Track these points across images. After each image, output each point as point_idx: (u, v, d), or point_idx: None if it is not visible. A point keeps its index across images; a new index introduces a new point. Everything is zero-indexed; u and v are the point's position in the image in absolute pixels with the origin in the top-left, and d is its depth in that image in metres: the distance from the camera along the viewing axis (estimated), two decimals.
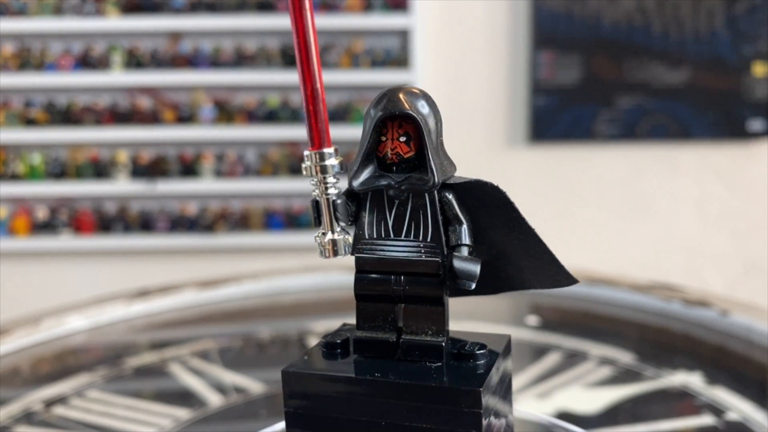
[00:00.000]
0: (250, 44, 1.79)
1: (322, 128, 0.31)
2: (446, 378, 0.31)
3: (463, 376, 0.31)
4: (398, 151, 0.32)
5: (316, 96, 0.30)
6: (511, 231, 0.33)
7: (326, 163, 0.31)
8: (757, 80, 1.77)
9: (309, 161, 0.31)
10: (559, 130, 1.79)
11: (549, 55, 1.77)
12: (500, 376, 0.33)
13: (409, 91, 0.32)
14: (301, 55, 0.30)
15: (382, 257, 0.33)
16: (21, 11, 1.75)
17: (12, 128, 1.76)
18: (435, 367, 0.32)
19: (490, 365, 0.32)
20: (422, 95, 0.32)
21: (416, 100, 0.31)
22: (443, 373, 0.31)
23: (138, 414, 0.56)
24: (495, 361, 0.32)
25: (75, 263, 1.82)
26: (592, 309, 0.80)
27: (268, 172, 1.79)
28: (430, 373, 0.31)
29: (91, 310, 0.78)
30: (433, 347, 0.32)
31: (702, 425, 0.51)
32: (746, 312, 0.69)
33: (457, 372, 0.31)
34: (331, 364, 0.33)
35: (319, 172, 0.31)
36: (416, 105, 0.31)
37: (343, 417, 0.32)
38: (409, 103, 0.31)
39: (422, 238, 0.32)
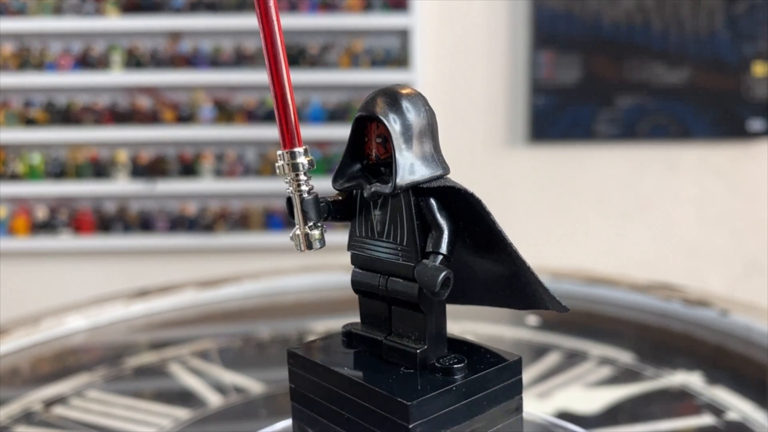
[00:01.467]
0: (249, 44, 1.79)
1: (293, 129, 0.32)
2: (384, 385, 0.30)
3: (405, 387, 0.30)
4: (376, 153, 0.32)
5: (285, 100, 0.32)
6: (483, 242, 0.32)
7: (297, 161, 0.32)
8: (757, 80, 1.77)
9: (281, 160, 0.32)
10: (559, 130, 1.79)
11: (549, 54, 1.77)
12: (473, 398, 0.31)
13: (391, 92, 0.31)
14: (270, 63, 0.32)
15: (368, 256, 0.33)
16: (20, 11, 1.75)
17: (12, 128, 1.76)
18: (402, 372, 0.31)
19: (452, 383, 0.30)
20: (403, 96, 0.31)
21: (393, 102, 0.31)
22: (394, 379, 0.31)
23: (138, 414, 0.56)
24: (466, 379, 0.30)
25: (75, 263, 1.82)
26: (592, 309, 0.80)
27: (267, 172, 1.79)
28: (384, 377, 0.31)
29: (91, 310, 0.78)
30: (409, 354, 0.32)
31: (702, 425, 0.51)
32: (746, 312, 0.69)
33: (406, 382, 0.30)
34: (325, 351, 0.34)
35: (291, 170, 0.32)
36: (389, 107, 0.31)
37: (321, 401, 0.33)
38: (381, 105, 0.31)
39: (399, 242, 0.32)
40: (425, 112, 0.32)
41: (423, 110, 0.32)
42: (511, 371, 0.32)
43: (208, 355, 0.69)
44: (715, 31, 1.76)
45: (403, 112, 0.31)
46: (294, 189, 0.32)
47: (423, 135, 0.32)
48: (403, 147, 0.31)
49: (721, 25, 1.75)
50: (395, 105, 0.31)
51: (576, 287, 0.82)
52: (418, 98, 0.32)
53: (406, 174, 0.31)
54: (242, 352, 0.71)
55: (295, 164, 0.32)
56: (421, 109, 0.32)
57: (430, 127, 0.32)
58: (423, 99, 0.32)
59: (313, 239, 0.33)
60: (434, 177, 0.31)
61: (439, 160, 0.32)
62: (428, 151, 0.32)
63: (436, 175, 0.31)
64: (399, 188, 0.30)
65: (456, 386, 0.30)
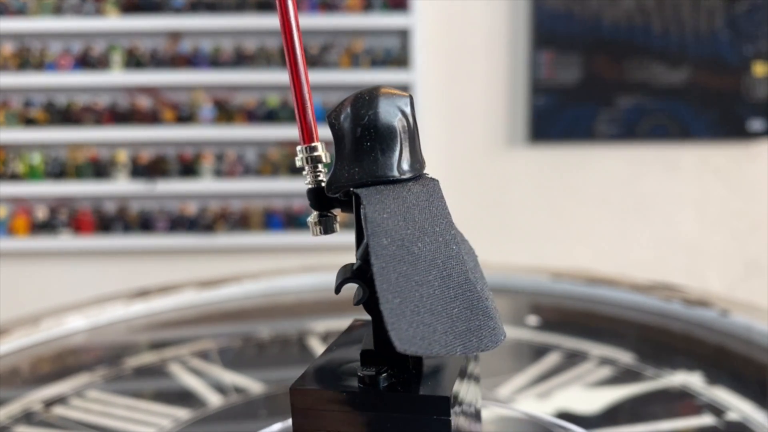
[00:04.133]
0: (249, 44, 1.79)
1: (311, 126, 0.34)
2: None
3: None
4: None
5: (304, 100, 0.34)
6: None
7: (315, 154, 0.34)
8: (757, 80, 1.77)
9: (302, 154, 0.34)
10: (559, 130, 1.79)
11: (549, 54, 1.77)
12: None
13: (356, 95, 0.31)
14: (291, 65, 0.33)
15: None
16: (20, 11, 1.75)
17: (11, 128, 1.76)
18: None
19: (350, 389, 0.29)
20: (357, 99, 0.31)
21: (347, 105, 0.31)
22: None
23: (137, 414, 0.56)
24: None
25: (74, 263, 1.82)
26: (592, 309, 0.80)
27: (267, 172, 1.79)
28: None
29: (91, 310, 0.78)
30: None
31: (702, 425, 0.51)
32: (746, 312, 0.69)
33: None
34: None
35: (310, 162, 0.34)
36: (340, 110, 0.31)
37: None
38: (332, 108, 0.32)
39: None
40: (377, 115, 0.31)
41: (368, 113, 0.31)
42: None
43: (208, 355, 0.68)
44: (715, 31, 1.76)
45: (351, 116, 0.31)
46: (312, 180, 0.34)
47: (363, 138, 0.31)
48: (347, 150, 0.31)
49: (721, 25, 1.75)
50: (347, 109, 0.32)
51: (576, 287, 0.82)
52: (373, 100, 0.31)
53: (331, 176, 0.32)
54: (242, 352, 0.71)
55: (314, 157, 0.34)
56: (367, 112, 0.31)
57: (375, 131, 0.31)
58: (350, 101, 0.32)
59: (327, 225, 0.34)
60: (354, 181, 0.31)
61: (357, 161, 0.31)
62: (359, 154, 0.31)
63: (356, 179, 0.31)
64: (323, 189, 0.32)
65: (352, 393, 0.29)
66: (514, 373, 0.61)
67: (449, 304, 0.28)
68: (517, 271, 0.87)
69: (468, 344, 0.28)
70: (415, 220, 0.29)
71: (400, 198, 0.30)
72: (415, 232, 0.29)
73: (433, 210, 0.30)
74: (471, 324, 0.28)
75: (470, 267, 0.30)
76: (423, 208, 0.30)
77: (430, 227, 0.29)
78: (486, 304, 0.29)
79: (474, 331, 0.28)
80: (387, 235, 0.29)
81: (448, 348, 0.27)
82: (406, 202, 0.30)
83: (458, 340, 0.28)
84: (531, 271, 0.87)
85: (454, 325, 0.28)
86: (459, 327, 0.28)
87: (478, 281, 0.30)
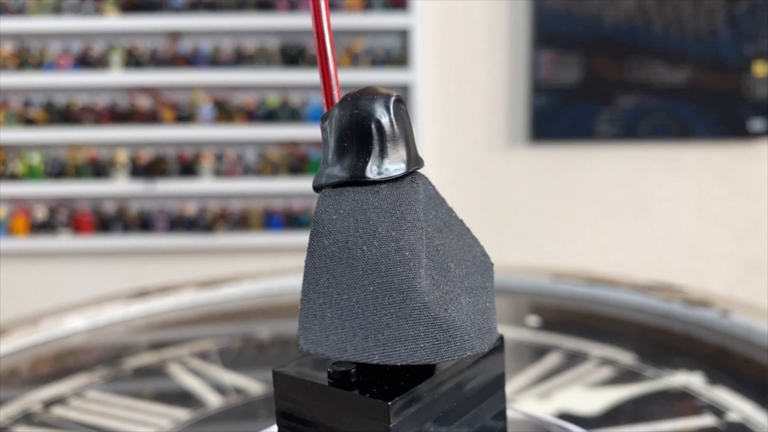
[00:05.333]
0: (249, 44, 1.79)
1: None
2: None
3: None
4: None
5: (332, 90, 0.33)
6: None
7: None
8: (757, 80, 1.77)
9: None
10: (559, 129, 1.79)
11: (549, 54, 1.76)
12: None
13: (343, 96, 0.31)
14: (322, 58, 0.32)
15: None
16: (20, 11, 1.75)
17: (11, 128, 1.76)
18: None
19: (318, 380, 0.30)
20: (342, 101, 0.31)
21: (335, 106, 0.31)
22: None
23: (137, 414, 0.56)
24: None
25: (74, 263, 1.82)
26: (593, 309, 0.79)
27: (267, 172, 1.79)
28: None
29: (90, 310, 0.78)
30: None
31: (703, 426, 0.51)
32: (747, 312, 0.69)
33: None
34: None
35: None
36: (329, 112, 0.31)
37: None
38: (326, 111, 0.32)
39: None
40: (354, 118, 0.31)
41: (349, 116, 0.31)
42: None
43: (208, 355, 0.68)
44: (715, 31, 1.76)
45: (335, 118, 0.31)
46: None
47: (342, 139, 0.31)
48: (330, 151, 0.31)
49: (721, 24, 1.75)
50: (334, 111, 0.31)
51: (576, 287, 0.82)
52: (354, 103, 0.31)
53: (316, 175, 0.32)
54: (242, 352, 0.71)
55: None
56: (348, 114, 0.31)
57: (351, 132, 0.31)
58: (338, 103, 0.31)
59: None
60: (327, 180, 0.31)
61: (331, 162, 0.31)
62: (339, 154, 0.32)
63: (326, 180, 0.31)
64: (313, 190, 0.32)
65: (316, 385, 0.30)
66: (515, 373, 0.61)
67: (380, 310, 0.27)
68: (518, 271, 0.87)
69: (391, 353, 0.27)
70: (369, 223, 0.29)
71: (361, 200, 0.29)
72: (364, 235, 0.28)
73: (396, 213, 0.29)
74: (404, 333, 0.27)
75: (450, 274, 0.29)
76: (384, 210, 0.29)
77: (386, 231, 0.28)
78: (437, 315, 0.28)
79: (404, 340, 0.27)
80: (329, 236, 0.29)
81: (364, 355, 0.27)
82: (365, 204, 0.29)
83: (379, 348, 0.27)
84: (531, 271, 0.87)
85: (380, 332, 0.27)
86: (386, 334, 0.27)
87: (434, 291, 0.28)
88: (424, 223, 0.30)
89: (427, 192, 0.31)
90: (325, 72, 0.32)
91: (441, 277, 0.29)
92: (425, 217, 0.30)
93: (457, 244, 0.31)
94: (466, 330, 0.29)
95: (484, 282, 0.31)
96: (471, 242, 0.32)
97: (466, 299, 0.30)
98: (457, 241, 0.31)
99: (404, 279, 0.28)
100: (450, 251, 0.31)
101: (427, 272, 0.29)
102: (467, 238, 0.32)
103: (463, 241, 0.32)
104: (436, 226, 0.31)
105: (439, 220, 0.31)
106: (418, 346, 0.27)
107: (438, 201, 0.32)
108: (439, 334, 0.28)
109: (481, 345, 0.29)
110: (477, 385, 0.32)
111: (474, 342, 0.29)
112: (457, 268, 0.30)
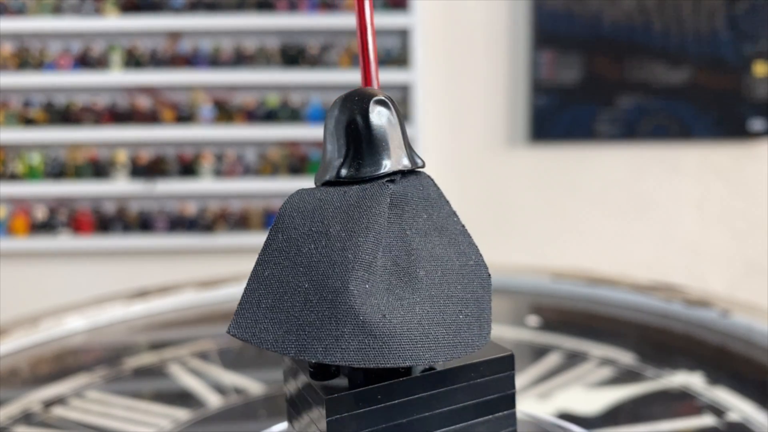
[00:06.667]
0: (249, 44, 1.79)
1: None
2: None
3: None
4: None
5: (371, 78, 0.33)
6: None
7: None
8: (757, 80, 1.77)
9: None
10: (559, 129, 1.79)
11: (549, 54, 1.76)
12: None
13: (339, 96, 0.31)
14: (364, 59, 0.33)
15: None
16: (20, 11, 1.75)
17: (11, 128, 1.76)
18: None
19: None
20: (332, 104, 0.31)
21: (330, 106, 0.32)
22: None
23: (137, 414, 0.56)
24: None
25: (74, 263, 1.82)
26: (593, 309, 0.79)
27: (267, 172, 1.79)
28: None
29: (90, 310, 0.78)
30: None
31: (703, 426, 0.51)
32: (747, 312, 0.69)
33: None
34: None
35: None
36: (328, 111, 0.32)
37: None
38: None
39: None
40: (341, 117, 0.31)
41: (336, 114, 0.31)
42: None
43: (208, 355, 0.68)
44: (715, 31, 1.76)
45: (329, 117, 0.32)
46: None
47: (336, 137, 0.32)
48: (326, 151, 0.32)
49: (721, 24, 1.75)
50: (329, 110, 0.32)
51: (576, 287, 0.82)
52: (347, 103, 0.31)
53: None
54: (242, 352, 0.71)
55: None
56: (340, 113, 0.31)
57: (338, 131, 0.31)
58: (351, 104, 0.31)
59: None
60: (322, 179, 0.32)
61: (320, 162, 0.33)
62: (321, 154, 0.33)
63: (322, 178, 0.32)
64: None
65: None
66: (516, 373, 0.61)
67: (309, 308, 0.27)
68: (518, 271, 0.87)
69: (307, 349, 0.27)
70: (324, 223, 0.29)
71: (326, 200, 0.29)
72: (316, 234, 0.29)
73: (353, 215, 0.29)
74: (326, 332, 0.27)
75: (414, 281, 0.29)
76: (342, 211, 0.29)
77: (336, 231, 0.28)
78: (367, 319, 0.27)
79: (323, 339, 0.27)
80: (285, 232, 0.29)
81: (282, 347, 0.27)
82: (327, 204, 0.29)
83: (296, 343, 0.27)
84: (531, 271, 0.87)
85: (303, 329, 0.27)
86: (307, 331, 0.27)
87: (376, 295, 0.28)
88: (385, 226, 0.29)
89: (423, 193, 0.31)
90: (367, 73, 0.33)
91: (399, 281, 0.29)
92: (412, 219, 0.30)
93: (443, 251, 0.30)
94: (409, 338, 0.28)
95: (465, 293, 0.30)
96: (465, 250, 0.31)
97: (424, 308, 0.29)
98: (444, 247, 0.30)
99: (339, 279, 0.27)
100: (427, 257, 0.30)
101: (377, 276, 0.28)
102: (462, 246, 0.31)
103: (453, 248, 0.31)
104: (422, 230, 0.30)
105: (429, 224, 0.31)
106: (338, 347, 0.27)
107: (436, 203, 0.31)
108: (368, 339, 0.27)
109: (433, 357, 0.28)
110: (465, 401, 0.31)
111: (420, 353, 0.28)
112: (427, 276, 0.29)
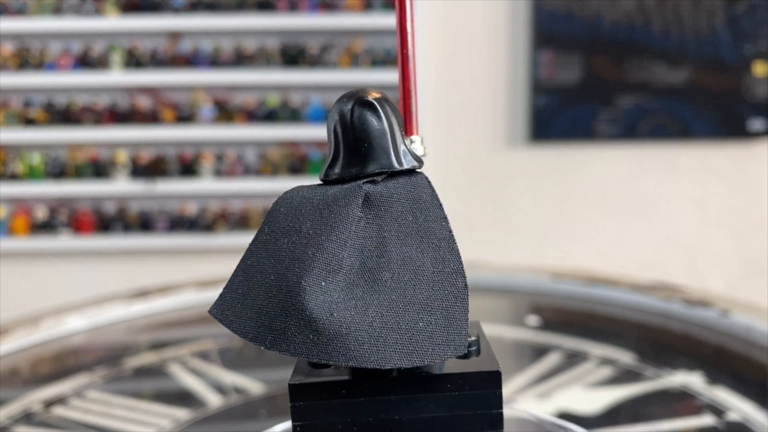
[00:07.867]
0: (249, 44, 1.79)
1: (412, 120, 0.35)
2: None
3: None
4: None
5: (410, 94, 0.35)
6: None
7: (413, 146, 0.34)
8: (757, 80, 1.77)
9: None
10: (559, 129, 1.79)
11: (549, 54, 1.76)
12: None
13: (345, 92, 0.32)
14: (403, 60, 0.34)
15: None
16: (20, 11, 1.75)
17: (11, 128, 1.76)
18: None
19: None
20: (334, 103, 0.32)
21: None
22: None
23: (137, 414, 0.56)
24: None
25: (74, 263, 1.82)
26: (592, 309, 0.80)
27: (267, 172, 1.79)
28: None
29: (91, 310, 0.78)
30: None
31: (702, 425, 0.51)
32: (747, 312, 0.69)
33: None
34: None
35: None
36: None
37: None
38: None
39: None
40: (337, 119, 0.31)
41: (332, 118, 0.32)
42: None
43: (208, 355, 0.68)
44: (715, 31, 1.76)
45: (330, 119, 0.32)
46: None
47: (332, 137, 0.32)
48: (329, 150, 0.33)
49: (721, 24, 1.75)
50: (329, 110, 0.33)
51: (576, 287, 0.82)
52: (342, 105, 0.31)
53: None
54: (242, 352, 0.71)
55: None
56: (336, 117, 0.31)
57: (332, 134, 0.32)
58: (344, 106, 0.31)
59: None
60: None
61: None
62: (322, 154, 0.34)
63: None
64: None
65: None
66: (515, 373, 0.61)
67: (269, 298, 0.29)
68: (518, 271, 0.87)
69: (261, 337, 0.29)
70: (299, 220, 0.30)
71: (309, 198, 0.31)
72: (291, 230, 0.30)
73: (324, 213, 0.30)
74: (277, 323, 0.29)
75: (376, 283, 0.29)
76: (317, 210, 0.30)
77: (307, 228, 0.30)
78: (314, 315, 0.28)
79: (273, 330, 0.29)
80: (270, 225, 0.31)
81: (242, 331, 0.30)
82: (306, 202, 0.31)
83: (253, 330, 0.30)
84: (531, 271, 0.87)
85: (261, 317, 0.29)
86: (263, 320, 0.29)
87: (330, 293, 0.28)
88: (353, 227, 0.29)
89: (412, 195, 0.30)
90: (406, 78, 0.34)
91: (362, 282, 0.29)
92: (394, 221, 0.30)
93: (418, 255, 0.30)
94: (356, 339, 0.28)
95: (432, 300, 0.29)
96: (446, 256, 0.30)
97: (380, 311, 0.29)
98: (422, 251, 0.30)
99: (296, 275, 0.29)
100: (398, 260, 0.29)
101: (340, 275, 0.29)
102: (442, 251, 0.30)
103: (431, 254, 0.30)
104: (402, 232, 0.30)
105: (414, 226, 0.30)
106: (284, 339, 0.29)
107: (426, 206, 0.31)
108: (312, 334, 0.28)
109: (380, 361, 0.28)
110: (438, 412, 0.30)
111: (367, 354, 0.28)
112: (393, 279, 0.29)
